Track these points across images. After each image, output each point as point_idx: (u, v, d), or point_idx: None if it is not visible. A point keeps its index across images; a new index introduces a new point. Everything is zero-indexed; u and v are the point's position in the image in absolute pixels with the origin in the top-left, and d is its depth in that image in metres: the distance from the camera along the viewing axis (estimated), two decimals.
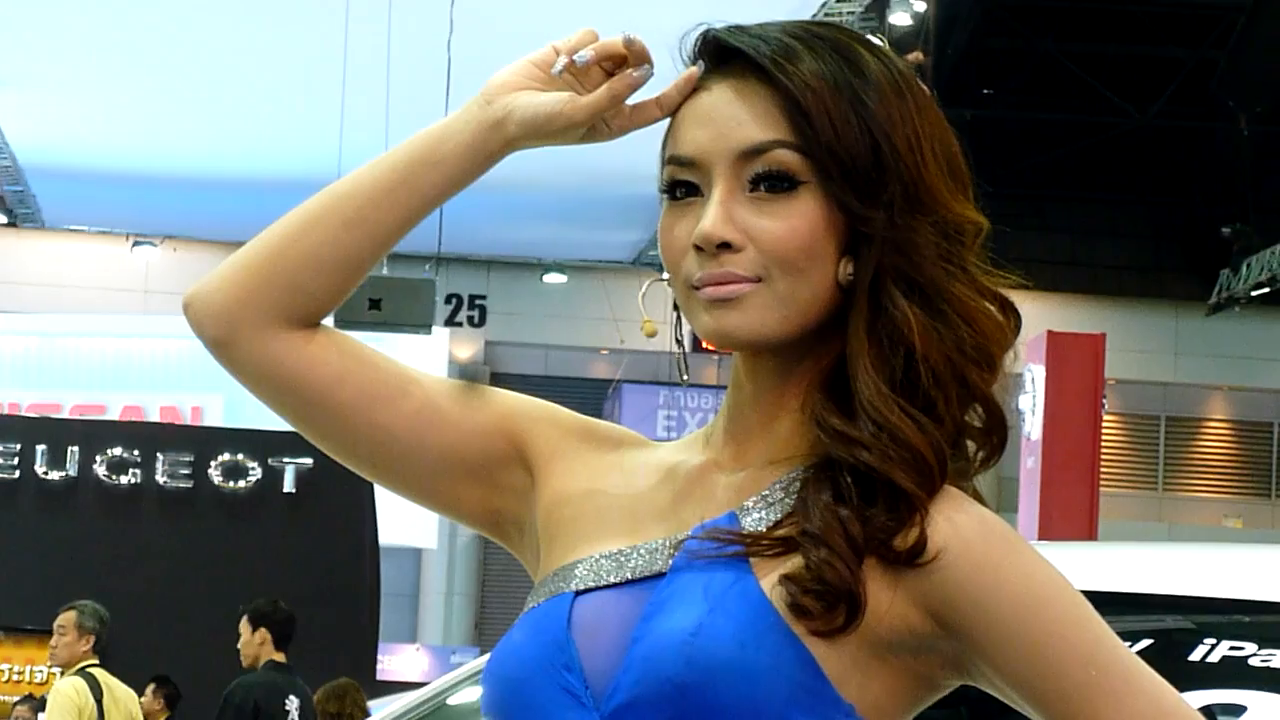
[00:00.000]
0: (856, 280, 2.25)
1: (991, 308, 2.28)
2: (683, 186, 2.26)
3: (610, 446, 2.44)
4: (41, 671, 17.88)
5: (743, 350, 2.29)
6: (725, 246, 2.22)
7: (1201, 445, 33.64)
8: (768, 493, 2.27)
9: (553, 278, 32.44)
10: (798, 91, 2.22)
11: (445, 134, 2.43)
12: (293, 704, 12.88)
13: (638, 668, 2.20)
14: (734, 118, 2.24)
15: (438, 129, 2.44)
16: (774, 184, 2.22)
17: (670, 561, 2.25)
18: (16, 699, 17.34)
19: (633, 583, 2.26)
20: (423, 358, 28.30)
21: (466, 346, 32.19)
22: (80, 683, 13.31)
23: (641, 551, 2.28)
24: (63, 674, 13.77)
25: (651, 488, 2.36)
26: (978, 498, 2.29)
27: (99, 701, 13.37)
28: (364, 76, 20.10)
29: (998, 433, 2.27)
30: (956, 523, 2.19)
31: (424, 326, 22.62)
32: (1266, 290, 28.87)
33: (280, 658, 13.08)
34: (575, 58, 2.39)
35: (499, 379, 32.11)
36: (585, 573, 2.29)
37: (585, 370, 32.44)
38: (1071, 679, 2.22)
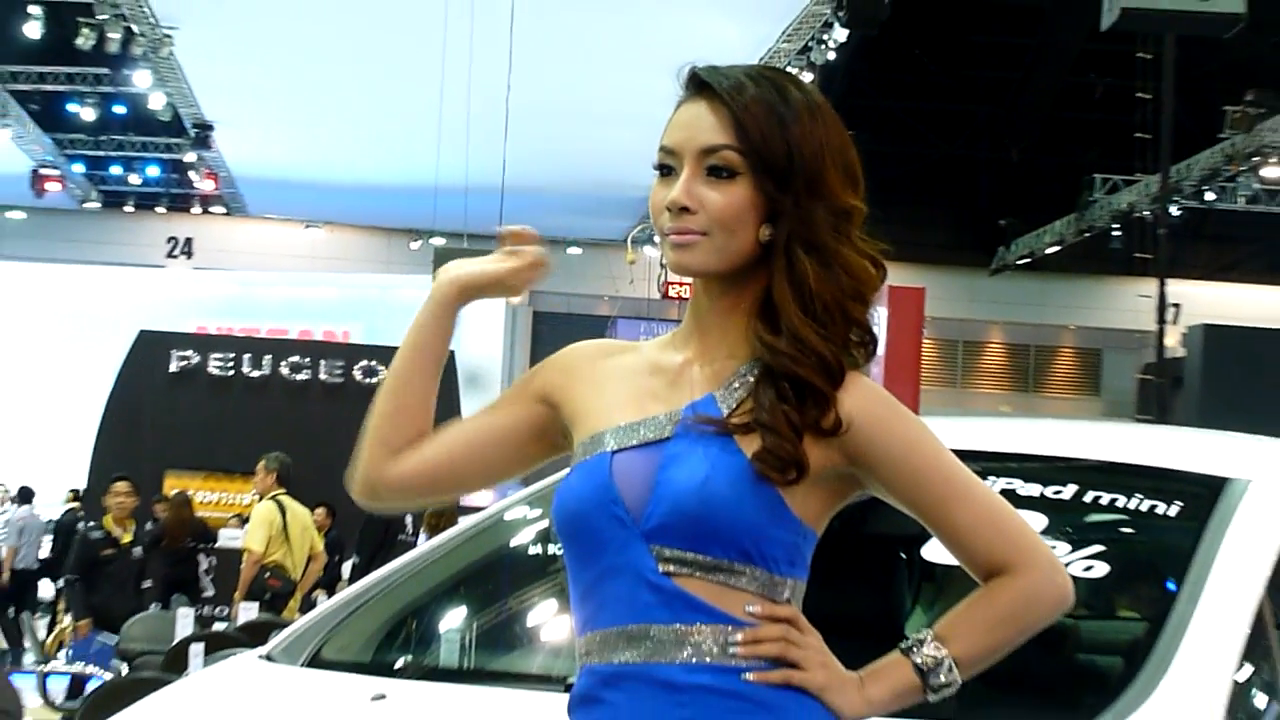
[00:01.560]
0: (774, 241, 2.34)
1: (866, 263, 2.37)
2: (665, 167, 2.37)
3: (607, 356, 2.52)
4: (244, 498, 17.71)
5: (695, 278, 2.39)
6: (685, 210, 2.33)
7: (985, 360, 35.03)
8: (731, 379, 2.39)
9: (573, 250, 33.91)
10: (740, 112, 2.34)
11: (419, 322, 2.59)
12: (409, 518, 13.50)
13: (665, 503, 2.32)
14: (700, 126, 2.36)
15: (415, 322, 2.61)
16: (720, 172, 2.33)
17: (673, 431, 2.36)
18: (230, 516, 17.15)
19: (647, 445, 2.36)
20: (489, 301, 29.50)
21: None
22: (271, 505, 13.35)
23: (649, 423, 2.39)
24: (259, 500, 13.80)
25: (646, 379, 2.45)
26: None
27: (284, 517, 13.31)
28: (453, 112, 20.97)
29: (871, 342, 2.37)
30: (856, 395, 2.34)
31: None
32: (1027, 260, 30.65)
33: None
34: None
35: (539, 315, 33.72)
36: (611, 439, 2.38)
37: (593, 309, 33.72)
38: (935, 489, 2.38)
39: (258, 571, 12.91)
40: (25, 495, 21.01)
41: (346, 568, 16.40)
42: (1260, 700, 3.34)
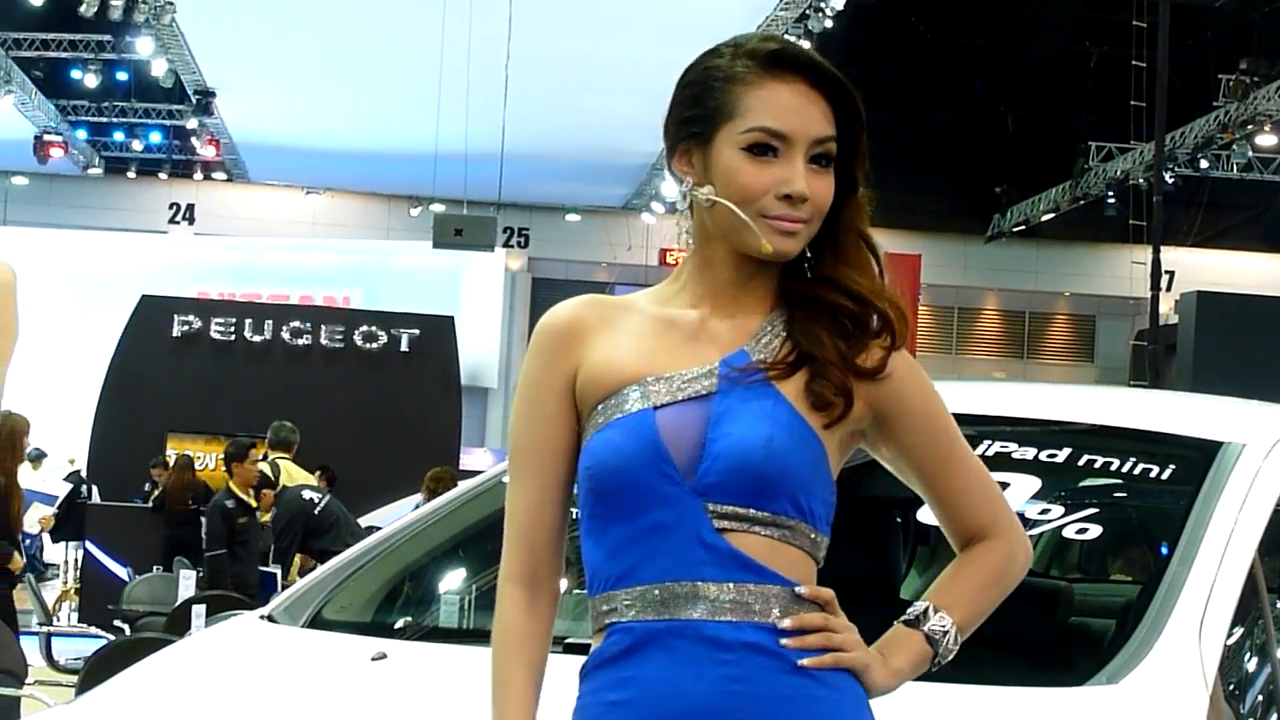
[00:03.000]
0: (840, 217, 2.38)
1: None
2: (767, 148, 2.33)
3: (603, 315, 2.44)
4: None
5: (782, 260, 2.36)
6: (802, 199, 2.33)
7: (980, 326, 34.92)
8: (760, 332, 2.39)
9: (572, 217, 33.92)
10: (844, 104, 2.38)
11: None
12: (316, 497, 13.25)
13: (726, 459, 2.31)
14: (812, 114, 2.35)
15: None
16: (822, 160, 2.36)
17: (716, 385, 2.35)
18: None
19: (691, 400, 2.34)
20: (488, 267, 30.31)
21: (516, 260, 33.53)
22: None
23: (686, 376, 2.36)
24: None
25: (659, 335, 2.41)
26: None
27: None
28: (453, 80, 20.94)
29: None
30: (895, 356, 2.40)
31: (489, 247, 23.90)
32: (1022, 228, 30.64)
33: (283, 455, 13.91)
34: None
35: (538, 281, 33.57)
36: (644, 395, 2.34)
37: (591, 276, 32.92)
38: (943, 450, 2.45)
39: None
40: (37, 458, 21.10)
41: None
42: (1252, 663, 3.37)
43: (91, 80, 26.17)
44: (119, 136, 30.60)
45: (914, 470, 2.46)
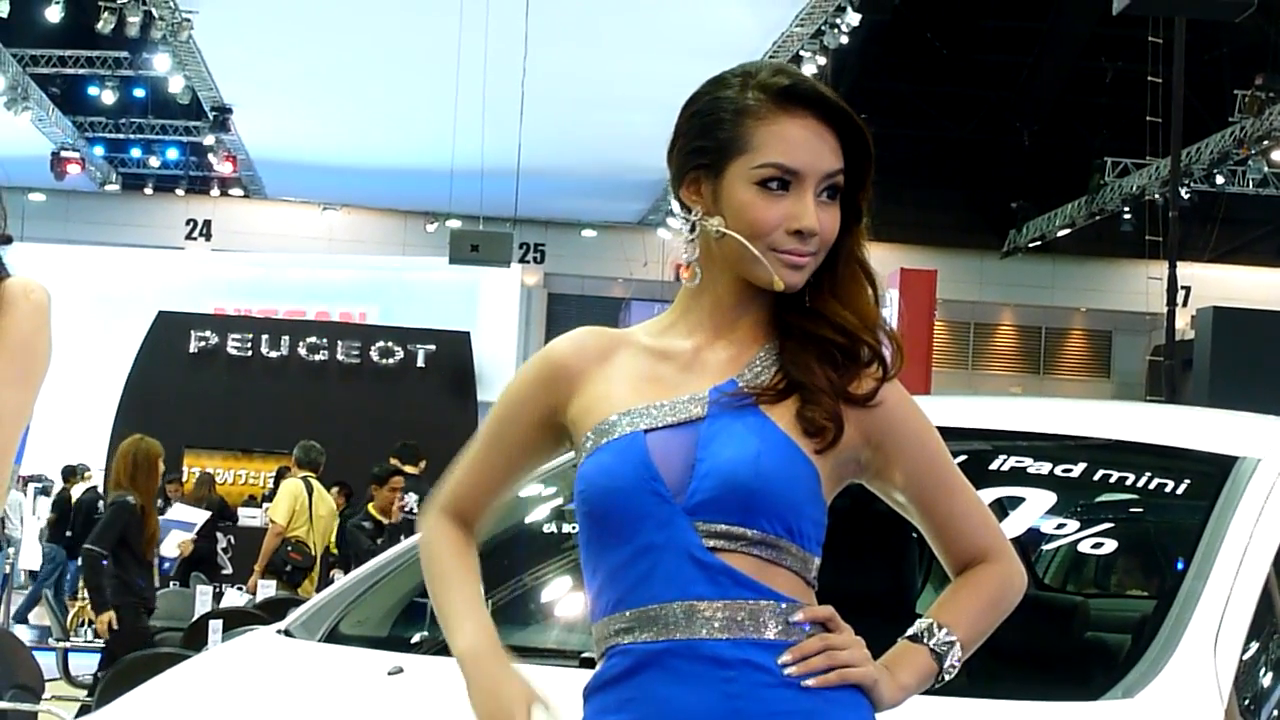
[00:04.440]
0: (841, 246, 2.41)
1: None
2: (779, 182, 2.35)
3: (600, 349, 2.49)
4: (260, 476, 18.42)
5: (790, 292, 2.38)
6: (812, 234, 2.35)
7: (996, 342, 34.87)
8: (752, 363, 2.41)
9: (588, 232, 33.96)
10: (853, 138, 2.40)
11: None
12: (411, 499, 12.89)
13: (714, 477, 2.32)
14: (822, 149, 2.37)
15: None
16: (831, 193, 2.38)
17: (706, 410, 2.37)
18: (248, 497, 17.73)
19: (680, 425, 2.36)
20: (504, 283, 30.31)
21: (532, 276, 33.56)
22: (298, 482, 13.65)
23: (676, 404, 2.38)
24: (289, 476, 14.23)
25: (654, 366, 2.44)
26: None
27: (310, 496, 13.50)
28: (469, 96, 21.04)
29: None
30: (887, 386, 2.42)
31: (505, 262, 24.01)
32: (1038, 243, 30.70)
33: (412, 469, 13.55)
34: None
35: (554, 297, 33.75)
36: (633, 421, 2.38)
37: (607, 291, 33.36)
38: (940, 475, 2.48)
39: (279, 544, 13.03)
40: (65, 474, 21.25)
41: None
42: (1267, 678, 3.36)
43: (109, 97, 26.20)
44: (136, 153, 30.61)
45: (911, 498, 2.48)
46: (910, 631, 2.45)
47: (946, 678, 2.42)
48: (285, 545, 13.03)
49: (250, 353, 19.52)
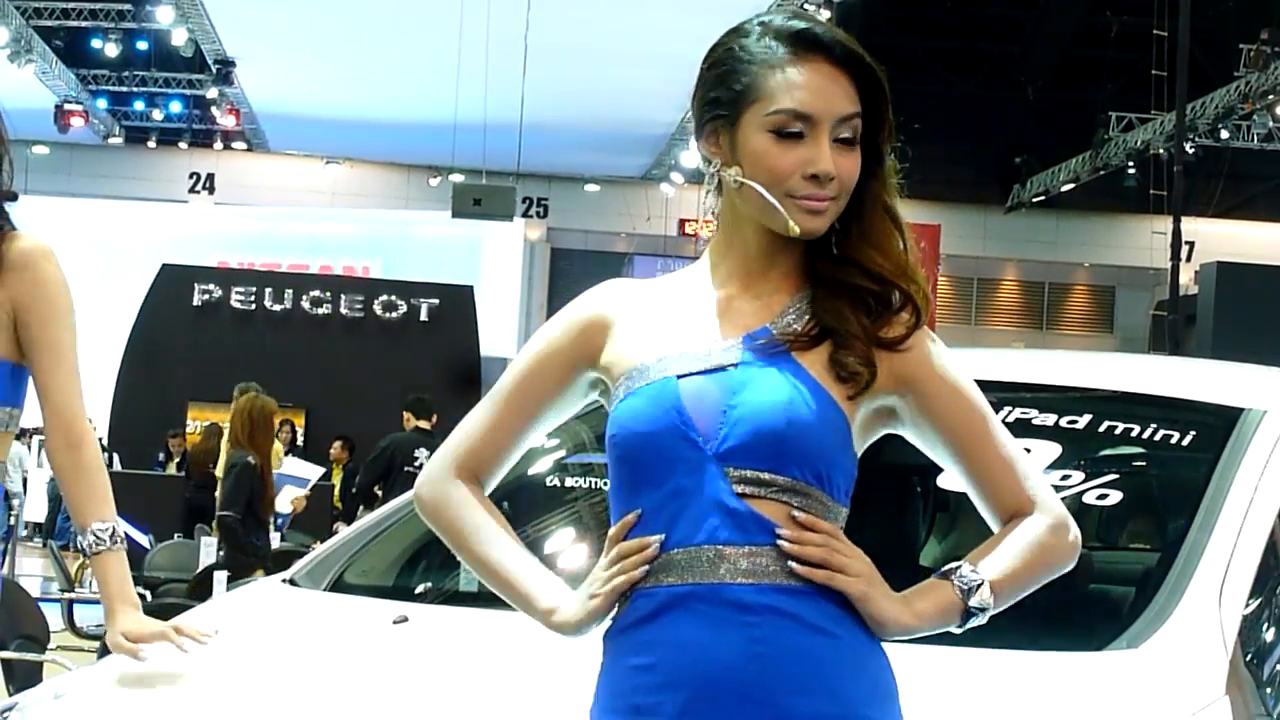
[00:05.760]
0: (865, 192, 2.39)
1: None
2: (793, 129, 2.34)
3: (632, 298, 2.50)
4: None
5: (811, 238, 2.38)
6: (829, 178, 2.33)
7: (999, 297, 35.06)
8: (784, 311, 2.40)
9: (591, 187, 33.80)
10: (868, 81, 2.38)
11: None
12: (422, 454, 12.57)
13: (745, 423, 2.32)
14: (835, 93, 2.35)
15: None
16: (849, 137, 2.36)
17: (739, 357, 2.36)
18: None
19: (712, 370, 2.35)
20: (507, 237, 30.55)
21: (535, 230, 33.64)
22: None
23: (708, 351, 2.37)
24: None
25: (686, 313, 2.43)
26: None
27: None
28: (472, 50, 20.89)
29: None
30: (919, 331, 2.41)
31: (508, 217, 24.00)
32: (1042, 198, 30.65)
33: (424, 424, 13.30)
34: None
35: (557, 251, 33.80)
36: (664, 366, 2.37)
37: (610, 246, 33.46)
38: (978, 424, 2.44)
39: None
40: None
41: None
42: (1270, 631, 3.34)
43: (112, 49, 26.20)
44: (139, 106, 30.59)
45: (949, 446, 2.44)
46: (940, 570, 2.42)
47: (978, 617, 2.39)
48: None
49: (254, 306, 19.63)
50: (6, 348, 3.44)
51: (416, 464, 12.47)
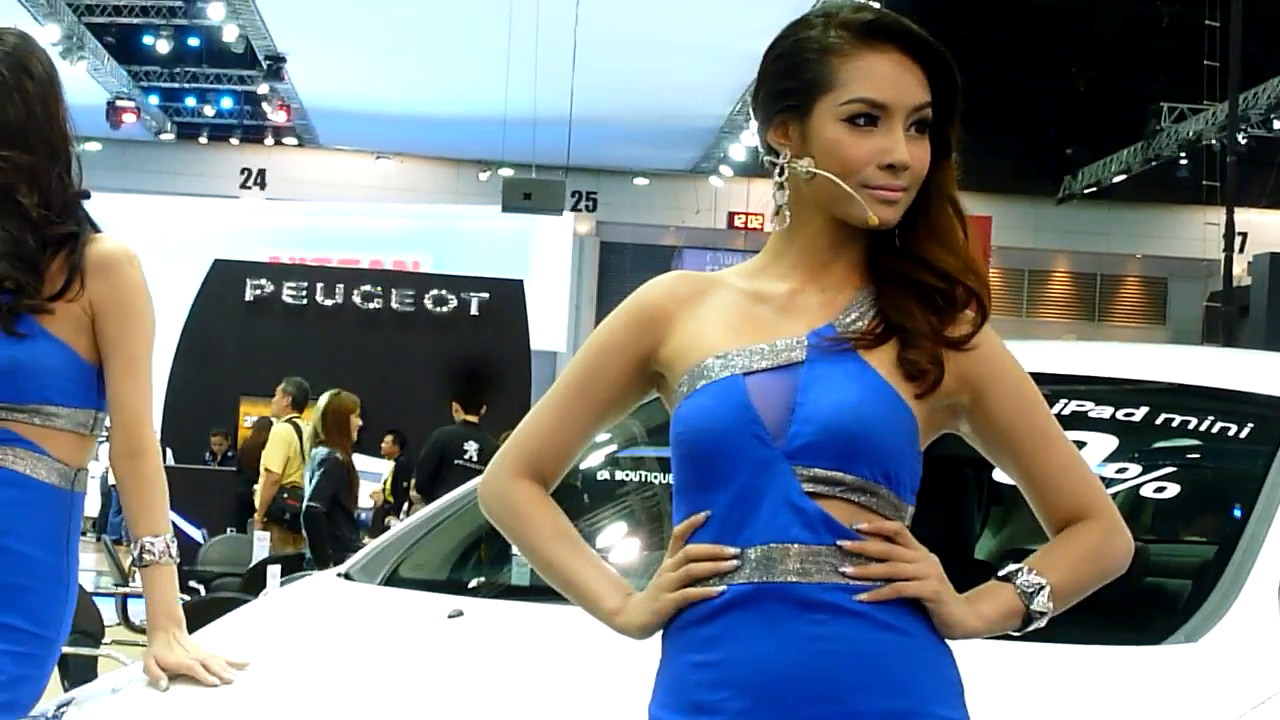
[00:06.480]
0: (933, 182, 2.38)
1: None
2: (867, 117, 2.34)
3: (696, 291, 2.47)
4: None
5: (886, 229, 2.37)
6: (904, 168, 2.33)
7: (1051, 288, 34.80)
8: (848, 307, 2.39)
9: (640, 180, 33.61)
10: (940, 70, 2.37)
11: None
12: (471, 447, 12.57)
13: (815, 422, 2.31)
14: (909, 82, 2.35)
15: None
16: (921, 127, 2.36)
17: (805, 354, 2.35)
18: None
19: (779, 368, 2.34)
20: (557, 231, 30.47)
21: (584, 224, 33.55)
22: (288, 427, 13.18)
23: (774, 348, 2.36)
24: (276, 422, 13.66)
25: (750, 308, 2.42)
26: None
27: (300, 439, 12.82)
28: (522, 44, 20.99)
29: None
30: (983, 329, 2.40)
31: (557, 211, 24.12)
32: (1094, 189, 30.47)
33: (472, 418, 13.05)
34: None
35: (606, 245, 33.85)
36: (728, 363, 2.35)
37: (659, 240, 33.31)
38: (1038, 426, 2.45)
39: (276, 491, 12.83)
40: None
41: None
42: None
43: (163, 46, 26.29)
44: (190, 102, 30.75)
45: (1009, 447, 2.44)
46: (1000, 573, 2.42)
47: (1038, 621, 2.39)
48: (281, 492, 12.79)
49: (305, 300, 19.65)
50: (88, 350, 3.45)
51: (465, 456, 12.46)
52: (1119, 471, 3.66)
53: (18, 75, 3.50)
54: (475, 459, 12.26)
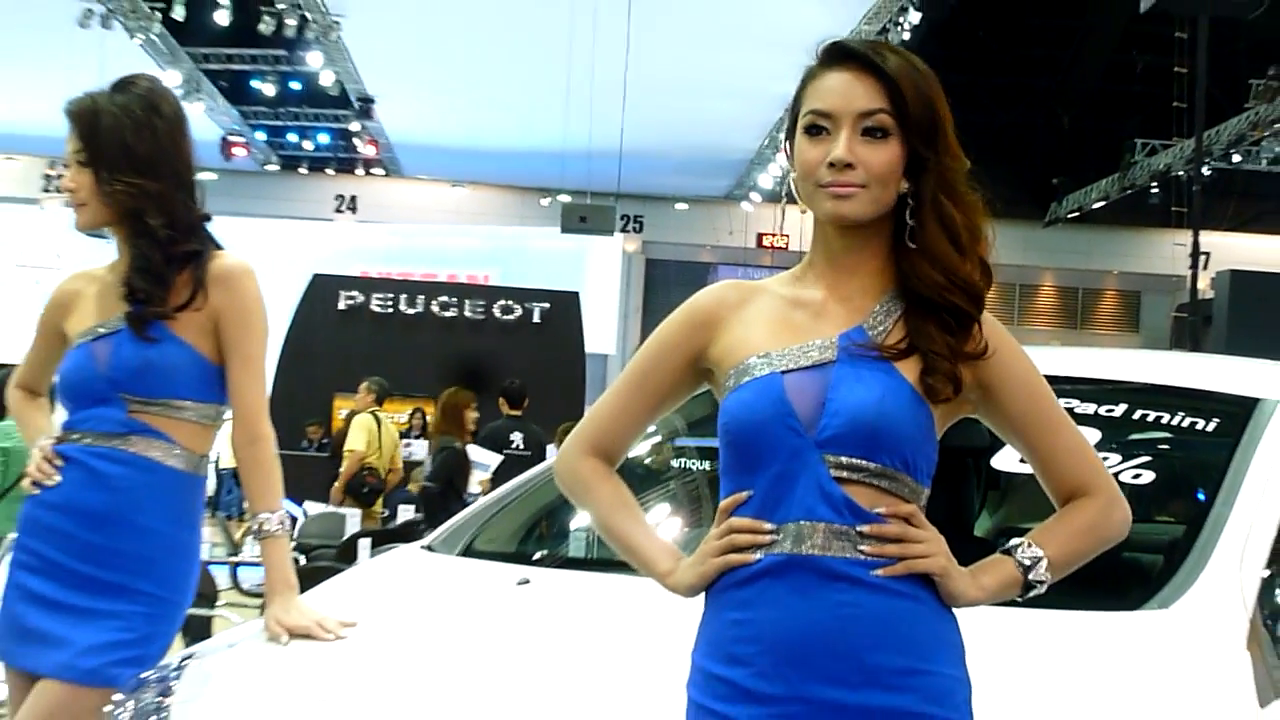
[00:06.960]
0: (919, 191, 2.32)
1: (979, 206, 2.42)
2: (818, 128, 2.32)
3: (742, 298, 2.46)
4: (400, 417, 17.56)
5: (847, 225, 2.33)
6: (847, 166, 2.29)
7: (1038, 300, 34.19)
8: (875, 312, 2.38)
9: (680, 205, 33.42)
10: (892, 79, 2.31)
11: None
12: (517, 437, 12.63)
13: (843, 415, 2.30)
14: (855, 92, 2.31)
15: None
16: (875, 132, 2.30)
17: (836, 355, 2.34)
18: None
19: (813, 367, 2.33)
20: (608, 249, 30.43)
21: (632, 244, 33.35)
22: (370, 417, 13.41)
23: (809, 349, 2.35)
24: (359, 413, 13.75)
25: (789, 313, 2.41)
26: None
27: (379, 428, 13.32)
28: (578, 87, 21.14)
29: (988, 277, 2.41)
30: (989, 326, 2.40)
31: (609, 232, 24.09)
32: (1076, 214, 30.30)
33: (516, 412, 12.86)
34: None
35: (651, 262, 33.63)
36: (771, 362, 2.35)
37: (696, 257, 32.98)
38: (1045, 414, 2.44)
39: (358, 469, 12.99)
40: None
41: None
42: None
43: (269, 89, 26.33)
44: (292, 138, 30.72)
45: (1019, 432, 2.44)
46: (1002, 548, 2.43)
47: (1038, 588, 2.41)
48: (362, 470, 13.02)
49: (391, 310, 19.70)
50: (212, 352, 3.46)
51: (513, 445, 12.51)
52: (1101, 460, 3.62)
53: (149, 114, 3.53)
54: (521, 446, 12.32)
